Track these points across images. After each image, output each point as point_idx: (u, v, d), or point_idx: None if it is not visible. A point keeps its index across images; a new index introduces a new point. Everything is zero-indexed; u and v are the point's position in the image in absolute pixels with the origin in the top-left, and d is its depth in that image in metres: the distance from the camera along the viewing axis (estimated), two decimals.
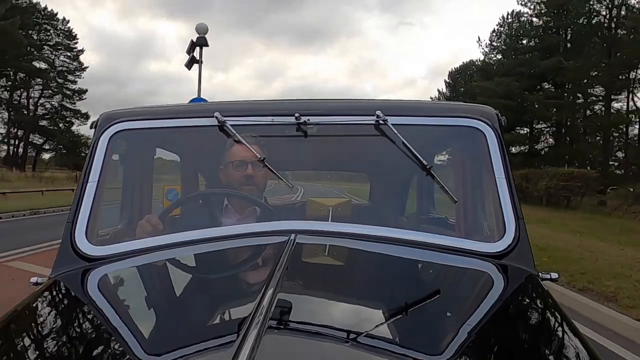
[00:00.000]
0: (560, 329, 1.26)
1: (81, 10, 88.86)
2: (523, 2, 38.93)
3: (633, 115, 33.16)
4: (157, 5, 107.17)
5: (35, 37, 49.80)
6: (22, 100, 52.28)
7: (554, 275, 1.70)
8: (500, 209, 1.66)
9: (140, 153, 2.12)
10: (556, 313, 1.31)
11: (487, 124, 1.78)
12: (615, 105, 34.45)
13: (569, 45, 37.17)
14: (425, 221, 2.43)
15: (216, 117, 1.77)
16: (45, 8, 50.08)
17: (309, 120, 1.79)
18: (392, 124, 1.75)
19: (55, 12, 51.04)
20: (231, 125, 1.78)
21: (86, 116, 54.54)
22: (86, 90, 54.42)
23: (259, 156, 1.82)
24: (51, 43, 51.90)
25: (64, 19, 51.86)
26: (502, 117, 1.85)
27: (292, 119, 1.78)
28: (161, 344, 1.02)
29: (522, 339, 1.14)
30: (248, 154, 1.83)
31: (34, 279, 1.63)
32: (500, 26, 43.82)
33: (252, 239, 1.66)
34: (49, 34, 51.71)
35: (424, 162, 1.76)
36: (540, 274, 1.62)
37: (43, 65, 51.09)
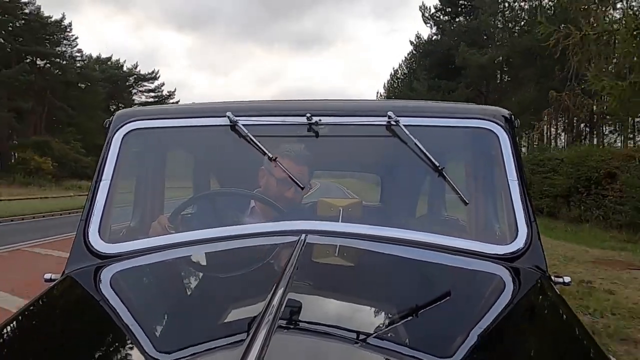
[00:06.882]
0: (572, 333, 1.25)
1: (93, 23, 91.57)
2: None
3: None
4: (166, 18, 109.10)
5: None
6: None
7: (567, 278, 1.69)
8: (512, 211, 1.64)
9: (153, 152, 2.14)
10: (568, 317, 1.29)
11: (500, 125, 1.77)
12: None
13: None
14: (436, 223, 2.42)
15: (228, 117, 1.78)
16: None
17: (320, 120, 1.79)
18: (404, 125, 1.74)
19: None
20: (243, 125, 1.78)
21: None
22: None
23: (301, 184, 1.84)
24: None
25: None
26: (516, 119, 1.83)
27: (303, 119, 1.79)
28: (171, 341, 1.02)
29: (533, 343, 1.13)
30: (296, 175, 1.84)
31: (47, 275, 1.65)
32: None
33: (262, 239, 1.66)
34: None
35: (436, 163, 1.75)
36: (552, 277, 1.61)
37: None
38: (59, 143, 43.42)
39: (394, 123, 1.75)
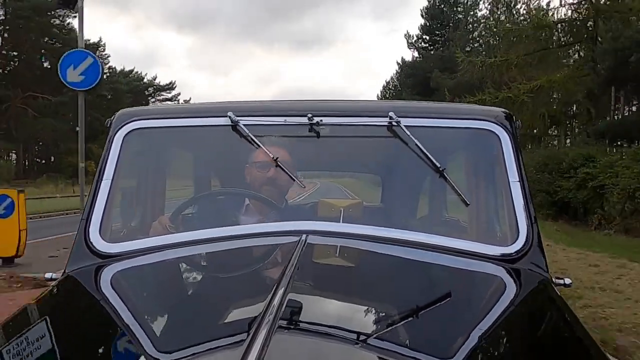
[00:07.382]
0: (572, 334, 1.24)
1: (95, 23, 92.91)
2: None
3: None
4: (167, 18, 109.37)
5: None
6: None
7: (568, 280, 1.68)
8: (513, 213, 1.64)
9: (154, 151, 2.14)
10: (569, 319, 1.29)
11: (501, 126, 1.76)
12: None
13: None
14: (437, 223, 2.42)
15: (229, 117, 1.78)
16: None
17: (321, 121, 1.79)
18: (405, 126, 1.74)
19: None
20: (244, 125, 1.78)
21: None
22: None
23: (280, 163, 1.81)
24: None
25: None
26: (517, 120, 1.83)
27: (304, 120, 1.78)
28: (171, 341, 1.02)
29: (534, 345, 1.13)
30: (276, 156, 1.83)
31: (48, 275, 1.65)
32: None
33: (263, 239, 1.66)
34: None
35: (437, 164, 1.74)
36: (553, 278, 1.60)
37: None
38: (98, 148, 48.22)
39: (395, 124, 1.75)
